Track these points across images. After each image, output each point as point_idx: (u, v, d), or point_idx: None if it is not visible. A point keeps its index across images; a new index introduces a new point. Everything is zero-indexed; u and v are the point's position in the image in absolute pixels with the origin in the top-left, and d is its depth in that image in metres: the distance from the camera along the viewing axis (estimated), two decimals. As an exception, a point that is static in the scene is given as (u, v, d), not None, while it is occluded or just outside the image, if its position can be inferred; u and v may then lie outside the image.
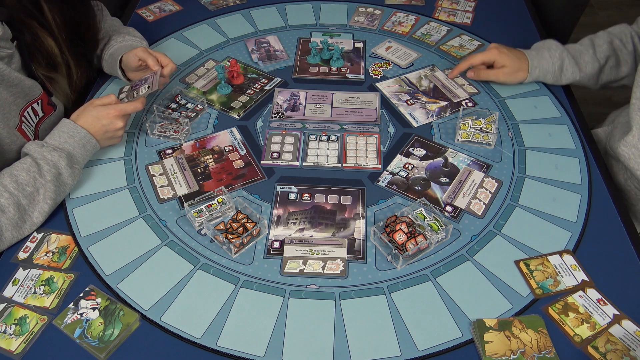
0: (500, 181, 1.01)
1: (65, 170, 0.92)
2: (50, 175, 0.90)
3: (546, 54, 1.14)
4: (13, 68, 0.95)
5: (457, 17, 1.41)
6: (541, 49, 1.16)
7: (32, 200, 0.90)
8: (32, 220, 0.90)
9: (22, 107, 0.99)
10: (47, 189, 0.90)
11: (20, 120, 0.99)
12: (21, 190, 0.88)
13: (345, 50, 1.30)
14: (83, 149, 0.97)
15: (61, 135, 0.95)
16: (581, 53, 1.15)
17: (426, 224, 0.91)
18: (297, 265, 0.88)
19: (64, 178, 0.93)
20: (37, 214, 0.91)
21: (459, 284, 0.86)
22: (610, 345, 0.78)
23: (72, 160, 0.94)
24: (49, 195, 0.91)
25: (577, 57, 1.14)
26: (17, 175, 0.89)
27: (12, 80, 0.95)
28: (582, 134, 1.10)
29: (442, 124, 1.12)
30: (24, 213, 0.89)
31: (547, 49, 1.15)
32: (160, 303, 0.83)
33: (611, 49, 1.14)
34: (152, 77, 1.06)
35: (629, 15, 1.10)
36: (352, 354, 0.78)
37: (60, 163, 0.92)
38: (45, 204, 0.91)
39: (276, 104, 1.16)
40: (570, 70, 1.14)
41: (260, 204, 0.97)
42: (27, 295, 0.84)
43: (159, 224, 0.94)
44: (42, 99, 1.03)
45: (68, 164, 0.93)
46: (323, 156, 1.06)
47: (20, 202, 0.88)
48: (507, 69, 1.15)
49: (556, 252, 0.89)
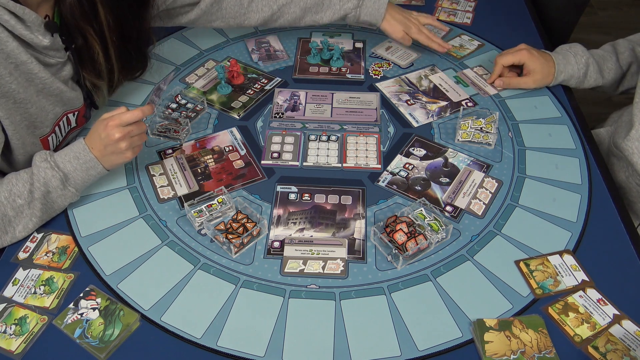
0: (501, 181, 1.01)
1: (55, 191, 0.88)
2: (39, 193, 0.87)
3: (572, 59, 1.14)
4: (63, 75, 0.93)
5: (457, 17, 1.41)
6: (567, 54, 1.15)
7: (19, 213, 0.87)
8: (14, 234, 0.88)
9: (59, 115, 0.96)
10: (34, 207, 0.88)
11: (52, 129, 0.96)
12: (11, 202, 0.86)
13: (345, 50, 1.30)
14: (85, 173, 0.90)
15: (68, 153, 0.90)
16: (605, 59, 1.15)
17: (426, 224, 0.91)
18: (297, 265, 0.88)
19: (52, 197, 0.89)
20: (22, 228, 0.89)
21: (459, 284, 0.86)
22: (611, 345, 0.78)
23: (68, 182, 0.89)
24: (35, 213, 0.88)
25: (602, 63, 1.14)
26: (15, 184, 0.87)
27: (52, 90, 0.92)
28: (582, 134, 1.10)
29: (442, 124, 1.12)
30: (7, 224, 0.87)
31: (573, 54, 1.14)
32: (160, 303, 0.83)
33: (633, 55, 1.15)
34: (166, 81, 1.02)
35: (629, 15, 1.10)
36: (352, 354, 0.78)
37: (52, 183, 0.88)
38: (30, 221, 0.88)
39: (276, 104, 1.16)
40: (594, 77, 1.14)
41: (260, 204, 0.97)
42: (27, 295, 0.84)
43: (159, 224, 0.94)
44: (79, 111, 1.01)
45: (60, 186, 0.88)
46: (323, 156, 1.06)
47: (7, 213, 0.86)
48: (538, 75, 1.14)
49: (556, 252, 0.89)
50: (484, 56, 1.28)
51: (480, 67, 1.25)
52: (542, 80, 1.15)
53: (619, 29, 1.16)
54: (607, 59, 1.15)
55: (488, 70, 1.24)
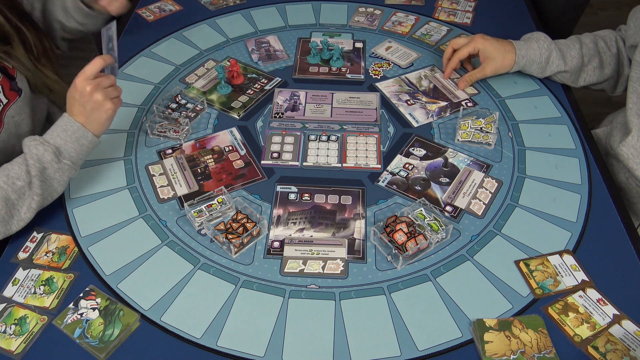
0: (500, 181, 1.01)
1: (50, 165, 0.88)
2: (35, 169, 0.87)
3: (534, 44, 1.14)
4: None
5: (457, 17, 1.41)
6: (529, 40, 1.15)
7: (21, 195, 0.87)
8: (20, 215, 0.88)
9: None
10: (34, 184, 0.88)
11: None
12: (11, 185, 0.86)
13: (345, 50, 1.30)
14: (76, 143, 0.91)
15: (55, 129, 0.91)
16: (568, 47, 1.15)
17: (426, 224, 0.91)
18: (297, 265, 0.88)
19: (49, 173, 0.89)
20: (26, 209, 0.88)
21: (459, 284, 0.86)
22: (610, 345, 0.78)
23: (61, 155, 0.90)
24: (35, 191, 0.88)
25: (564, 50, 1.14)
26: (10, 169, 0.87)
27: None
28: (582, 134, 1.10)
29: (442, 124, 1.12)
30: (12, 208, 0.87)
31: (535, 39, 1.15)
32: (160, 303, 0.83)
33: (596, 49, 1.14)
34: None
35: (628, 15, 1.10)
36: (352, 354, 0.78)
37: (45, 157, 0.88)
38: (32, 200, 0.88)
39: (276, 104, 1.16)
40: (556, 63, 1.14)
41: (260, 204, 0.97)
42: (27, 295, 0.84)
43: (159, 224, 0.94)
44: (2, 85, 0.97)
45: (54, 159, 0.89)
46: (323, 156, 1.06)
47: (9, 197, 0.86)
48: (497, 62, 1.14)
49: (556, 252, 0.89)
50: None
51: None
52: (501, 66, 1.14)
53: (618, 29, 1.16)
54: (570, 47, 1.14)
55: (460, 74, 1.23)
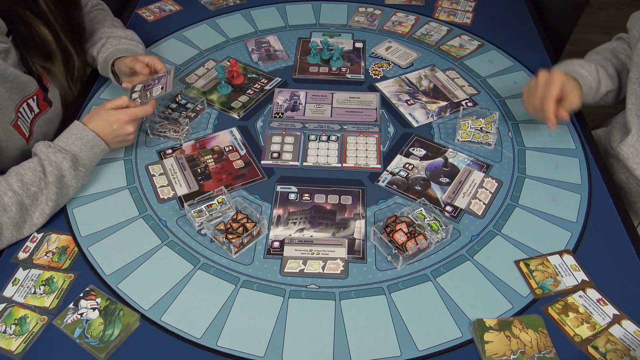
0: (500, 181, 1.01)
1: (69, 172, 0.92)
2: (53, 176, 0.90)
3: (580, 69, 1.03)
4: (9, 63, 0.95)
5: (457, 17, 1.41)
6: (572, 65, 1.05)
7: (35, 200, 0.89)
8: (33, 221, 0.90)
9: (18, 102, 0.99)
10: (50, 191, 0.90)
11: (17, 116, 0.99)
12: (25, 190, 0.88)
13: (345, 50, 1.30)
14: (90, 152, 0.95)
15: (69, 136, 0.95)
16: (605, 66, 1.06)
17: (426, 224, 0.91)
18: (297, 265, 0.88)
19: (66, 180, 0.92)
20: (38, 214, 0.90)
21: (459, 284, 0.86)
22: (610, 345, 0.78)
23: (77, 162, 0.93)
24: (50, 197, 0.90)
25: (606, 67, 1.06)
26: (23, 174, 0.88)
27: (7, 76, 0.95)
28: (582, 134, 1.10)
29: (442, 124, 1.12)
30: (25, 213, 0.89)
31: (578, 65, 1.04)
32: (160, 303, 0.83)
33: (620, 63, 1.08)
34: (166, 78, 1.04)
35: (628, 15, 1.10)
36: (352, 354, 0.78)
37: (64, 165, 0.91)
38: (46, 206, 0.90)
39: (276, 104, 1.16)
40: (605, 82, 1.04)
41: (260, 204, 0.97)
42: (27, 295, 0.84)
43: (159, 224, 0.94)
44: (37, 95, 1.03)
45: (72, 166, 0.92)
46: (323, 156, 1.06)
47: (23, 202, 0.88)
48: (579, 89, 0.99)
49: (556, 252, 0.89)
50: (484, 56, 1.28)
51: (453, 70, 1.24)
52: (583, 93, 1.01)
53: (618, 29, 1.15)
54: (606, 66, 1.07)
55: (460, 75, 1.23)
